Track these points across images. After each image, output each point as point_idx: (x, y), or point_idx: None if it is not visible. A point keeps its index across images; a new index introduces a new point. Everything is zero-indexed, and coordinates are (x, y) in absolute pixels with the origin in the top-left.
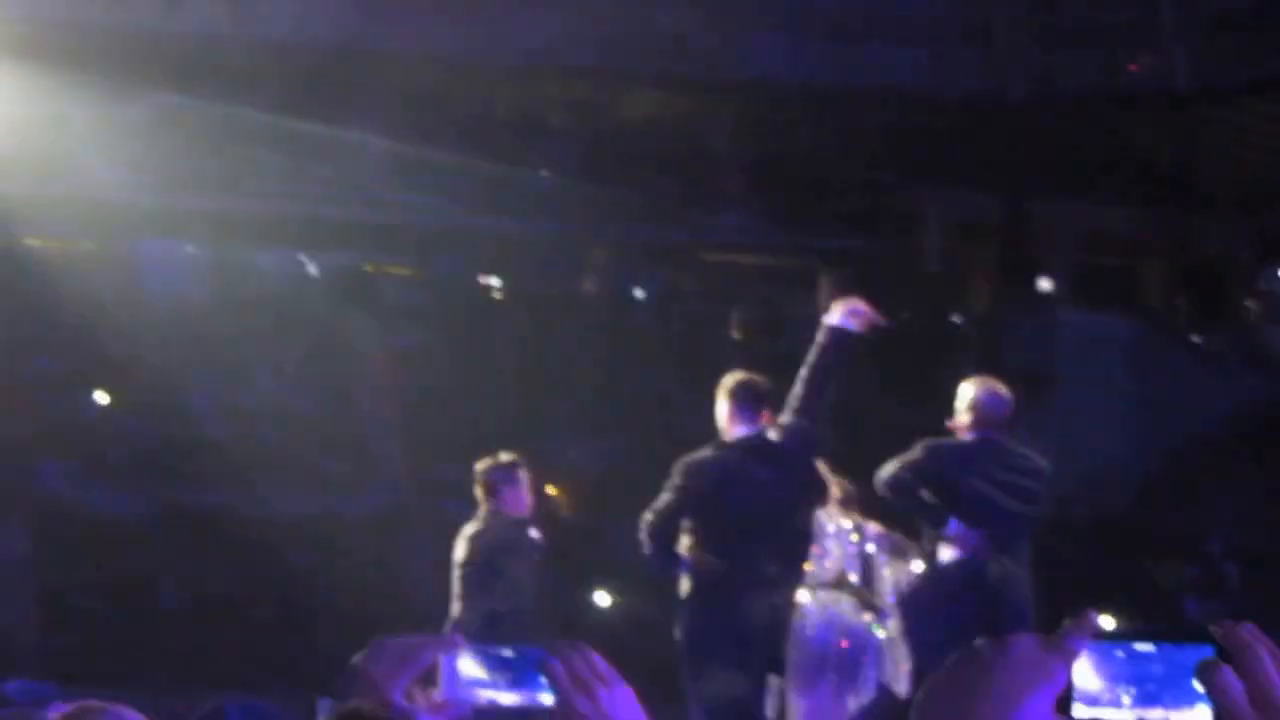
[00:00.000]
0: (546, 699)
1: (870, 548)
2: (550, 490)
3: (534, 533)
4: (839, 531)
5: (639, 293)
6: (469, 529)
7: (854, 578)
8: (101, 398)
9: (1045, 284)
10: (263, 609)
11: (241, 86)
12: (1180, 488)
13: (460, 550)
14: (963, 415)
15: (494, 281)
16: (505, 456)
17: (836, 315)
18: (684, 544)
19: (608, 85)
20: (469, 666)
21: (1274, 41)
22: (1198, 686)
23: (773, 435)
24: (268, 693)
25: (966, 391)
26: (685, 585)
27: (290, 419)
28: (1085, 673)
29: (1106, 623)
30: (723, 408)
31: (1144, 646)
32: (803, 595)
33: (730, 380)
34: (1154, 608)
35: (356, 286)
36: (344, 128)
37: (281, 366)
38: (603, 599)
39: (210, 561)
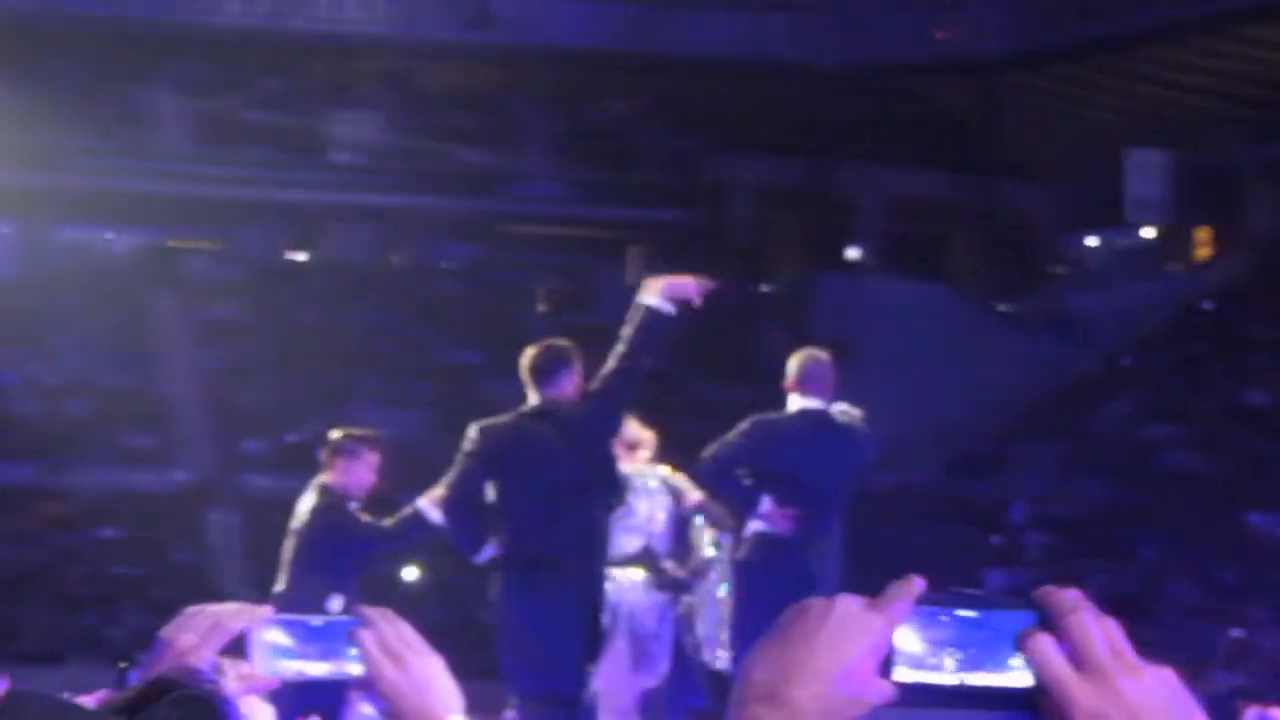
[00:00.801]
0: (356, 669)
1: (686, 510)
2: None
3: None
4: (648, 489)
5: (446, 265)
6: (307, 501)
7: (658, 526)
8: None
9: (854, 252)
10: (70, 582)
11: (45, 63)
12: (986, 455)
13: (299, 521)
14: (787, 387)
15: (300, 255)
16: (358, 430)
17: (652, 295)
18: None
19: (413, 57)
20: (277, 637)
21: (1079, 7)
22: (1018, 656)
23: (571, 408)
24: (76, 665)
25: (791, 363)
26: (495, 567)
27: (97, 394)
28: (908, 636)
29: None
30: (523, 376)
31: (967, 612)
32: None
33: (530, 349)
34: (958, 577)
35: (162, 261)
36: (149, 103)
37: (88, 342)
38: (411, 573)
39: (17, 535)
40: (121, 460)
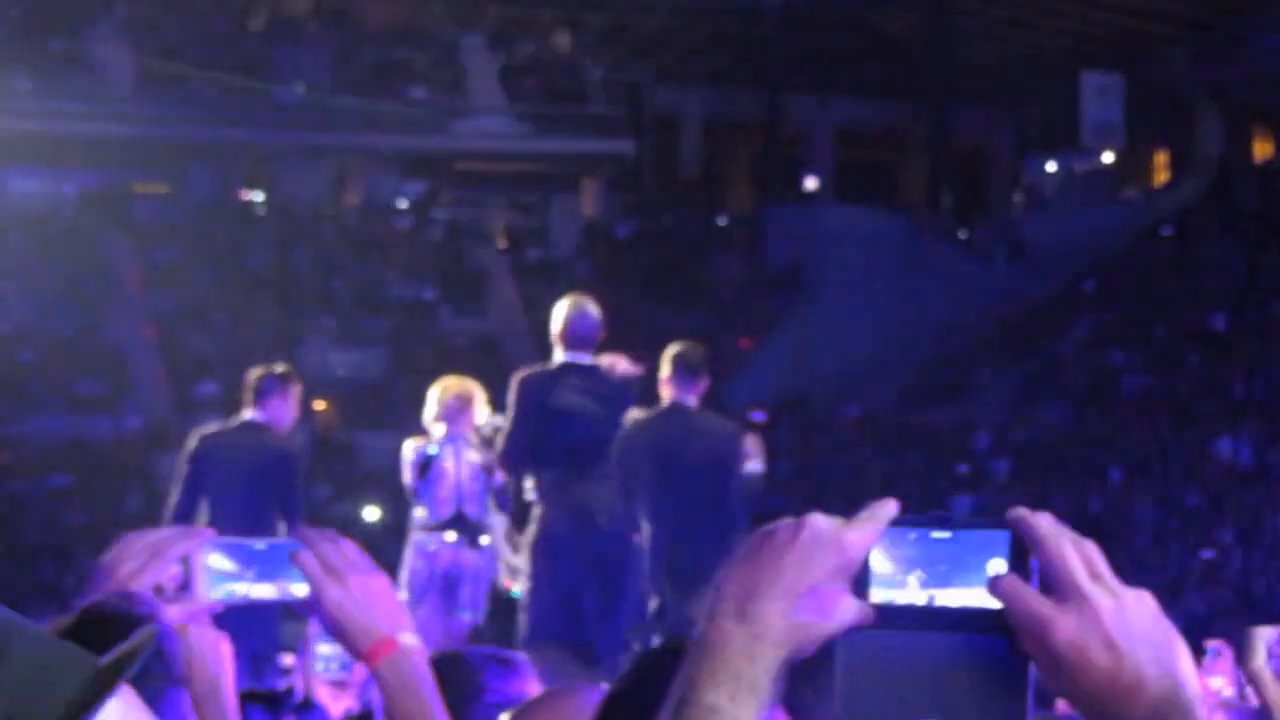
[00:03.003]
0: (299, 590)
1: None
2: (317, 405)
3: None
4: (459, 453)
5: (399, 203)
6: (243, 437)
7: (470, 489)
8: None
9: (811, 182)
10: (23, 530)
11: None
12: (946, 382)
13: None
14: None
15: (256, 195)
16: (279, 367)
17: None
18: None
19: None
20: (219, 560)
21: None
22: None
23: (695, 404)
24: (31, 615)
25: (558, 311)
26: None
27: (47, 340)
28: (877, 556)
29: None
30: (665, 373)
31: (939, 533)
32: (418, 537)
33: (674, 349)
34: (925, 503)
35: (111, 205)
36: (94, 44)
37: (37, 288)
38: (371, 513)
39: None
40: (73, 407)
